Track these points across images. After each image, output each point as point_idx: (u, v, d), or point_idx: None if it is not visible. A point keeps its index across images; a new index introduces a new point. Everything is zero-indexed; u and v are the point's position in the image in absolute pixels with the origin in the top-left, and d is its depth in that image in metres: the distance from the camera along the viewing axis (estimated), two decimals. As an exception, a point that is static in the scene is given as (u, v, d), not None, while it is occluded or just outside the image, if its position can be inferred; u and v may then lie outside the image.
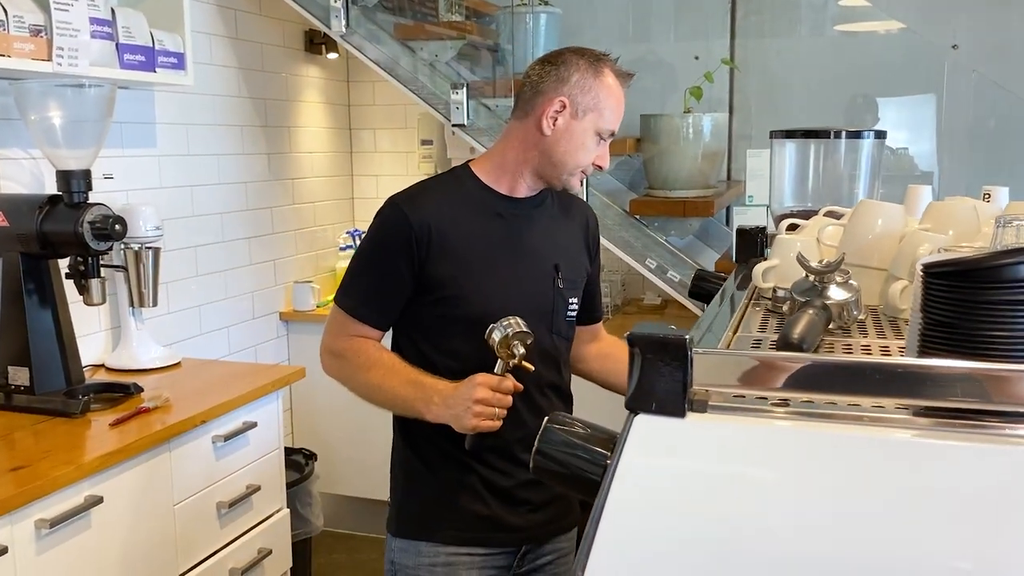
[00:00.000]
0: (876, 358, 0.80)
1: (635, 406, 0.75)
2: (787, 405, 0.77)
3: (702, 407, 0.75)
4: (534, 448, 0.86)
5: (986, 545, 0.67)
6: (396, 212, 1.58)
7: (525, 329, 1.48)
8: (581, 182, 1.67)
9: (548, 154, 1.59)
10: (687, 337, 0.73)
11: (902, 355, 0.93)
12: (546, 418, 0.89)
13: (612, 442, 0.78)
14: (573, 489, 0.84)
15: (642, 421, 0.75)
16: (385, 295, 1.60)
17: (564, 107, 1.57)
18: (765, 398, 0.78)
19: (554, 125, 1.58)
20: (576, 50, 1.63)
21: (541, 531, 1.67)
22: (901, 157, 3.42)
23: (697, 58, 3.35)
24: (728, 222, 3.28)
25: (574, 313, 1.71)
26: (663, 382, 0.73)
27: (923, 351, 0.76)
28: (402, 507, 1.68)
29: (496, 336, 1.47)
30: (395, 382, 1.56)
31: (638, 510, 0.72)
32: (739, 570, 0.69)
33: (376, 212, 1.63)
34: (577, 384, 1.80)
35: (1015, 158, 3.25)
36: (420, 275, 1.57)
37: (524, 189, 1.65)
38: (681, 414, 0.74)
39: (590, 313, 1.80)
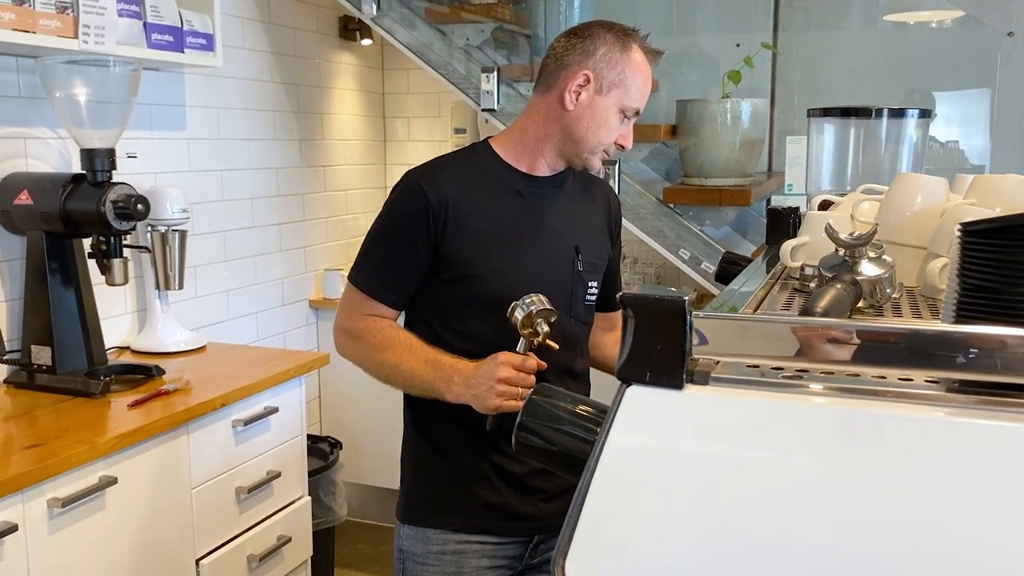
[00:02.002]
0: (905, 324, 0.72)
1: (627, 376, 0.67)
2: (802, 378, 0.69)
3: (703, 378, 0.68)
4: (516, 422, 0.79)
5: (1017, 539, 0.59)
6: (413, 186, 1.53)
7: (548, 306, 1.41)
8: (605, 162, 1.61)
9: (569, 130, 1.54)
10: (686, 299, 0.66)
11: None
12: (531, 390, 0.82)
13: (603, 416, 0.71)
14: (561, 469, 0.77)
15: (634, 393, 0.67)
16: (401, 273, 1.54)
17: (588, 81, 1.51)
18: (780, 369, 0.70)
19: (577, 100, 1.52)
20: (604, 23, 1.57)
21: (554, 521, 1.59)
22: (951, 150, 3.29)
23: (738, 45, 3.25)
24: (768, 214, 3.17)
25: (594, 297, 1.65)
26: (659, 349, 0.66)
27: (960, 320, 0.68)
28: (411, 493, 1.63)
29: (518, 314, 1.41)
30: (413, 362, 1.50)
31: (626, 492, 0.64)
32: (735, 561, 0.61)
33: (392, 187, 1.58)
34: (596, 372, 1.74)
35: (1072, 150, 3.10)
36: (436, 252, 1.52)
37: (544, 168, 1.60)
38: (678, 385, 0.66)
39: (608, 300, 1.73)
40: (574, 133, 1.54)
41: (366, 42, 3.61)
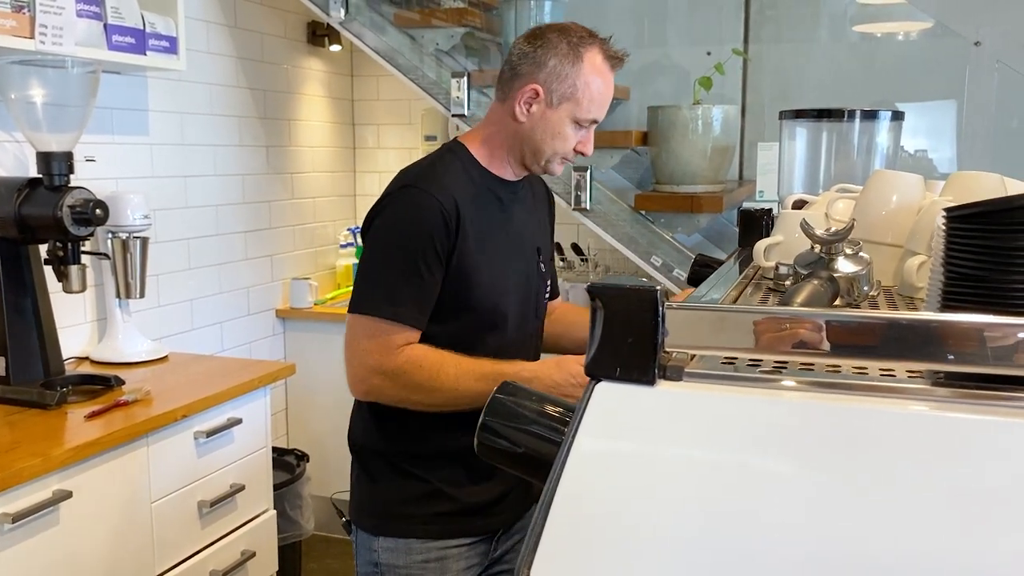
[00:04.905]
0: (887, 313, 0.68)
1: (596, 371, 0.63)
2: (780, 372, 0.66)
3: (677, 373, 0.64)
4: (479, 422, 0.75)
5: (1008, 540, 0.56)
6: (423, 197, 1.43)
7: None
8: (577, 168, 1.60)
9: (525, 140, 1.52)
10: (658, 288, 0.62)
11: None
12: (495, 388, 0.78)
13: (570, 415, 0.67)
14: (526, 472, 0.73)
15: (603, 389, 0.63)
16: (427, 292, 1.45)
17: (538, 95, 1.48)
18: (757, 363, 0.67)
19: (528, 112, 1.49)
20: (559, 29, 1.51)
21: (511, 512, 1.62)
22: (919, 160, 3.30)
23: (709, 54, 3.24)
24: (739, 222, 3.15)
25: (548, 293, 1.67)
26: (629, 342, 0.62)
27: (945, 309, 0.65)
28: (388, 505, 1.57)
29: None
30: (469, 380, 1.42)
31: (594, 495, 0.60)
32: (710, 567, 0.57)
33: (391, 202, 1.47)
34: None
35: (1040, 159, 3.12)
36: (447, 263, 1.45)
37: (511, 173, 1.58)
38: (650, 381, 0.62)
39: (551, 289, 1.74)
40: (530, 143, 1.51)
41: (335, 48, 3.57)
